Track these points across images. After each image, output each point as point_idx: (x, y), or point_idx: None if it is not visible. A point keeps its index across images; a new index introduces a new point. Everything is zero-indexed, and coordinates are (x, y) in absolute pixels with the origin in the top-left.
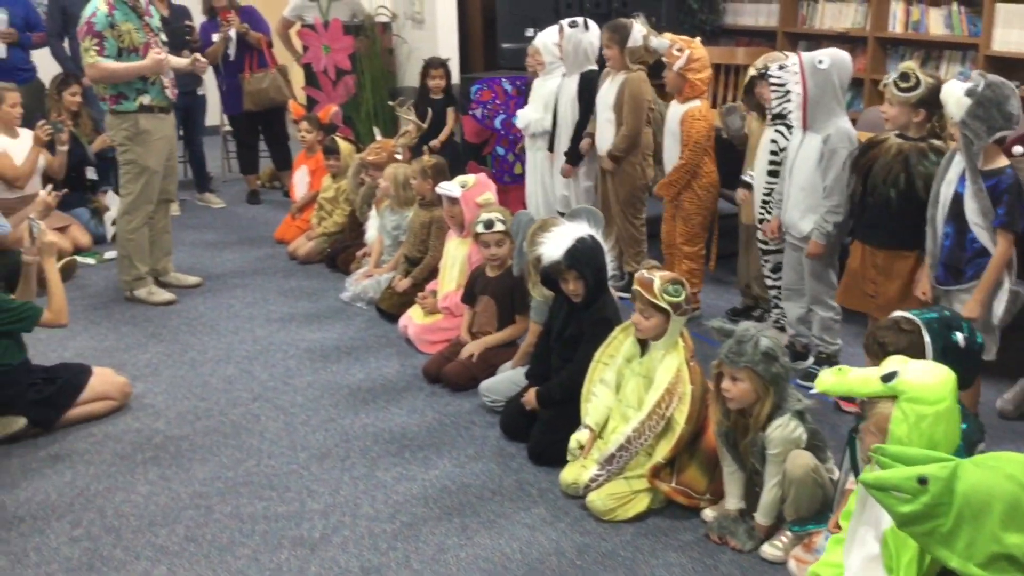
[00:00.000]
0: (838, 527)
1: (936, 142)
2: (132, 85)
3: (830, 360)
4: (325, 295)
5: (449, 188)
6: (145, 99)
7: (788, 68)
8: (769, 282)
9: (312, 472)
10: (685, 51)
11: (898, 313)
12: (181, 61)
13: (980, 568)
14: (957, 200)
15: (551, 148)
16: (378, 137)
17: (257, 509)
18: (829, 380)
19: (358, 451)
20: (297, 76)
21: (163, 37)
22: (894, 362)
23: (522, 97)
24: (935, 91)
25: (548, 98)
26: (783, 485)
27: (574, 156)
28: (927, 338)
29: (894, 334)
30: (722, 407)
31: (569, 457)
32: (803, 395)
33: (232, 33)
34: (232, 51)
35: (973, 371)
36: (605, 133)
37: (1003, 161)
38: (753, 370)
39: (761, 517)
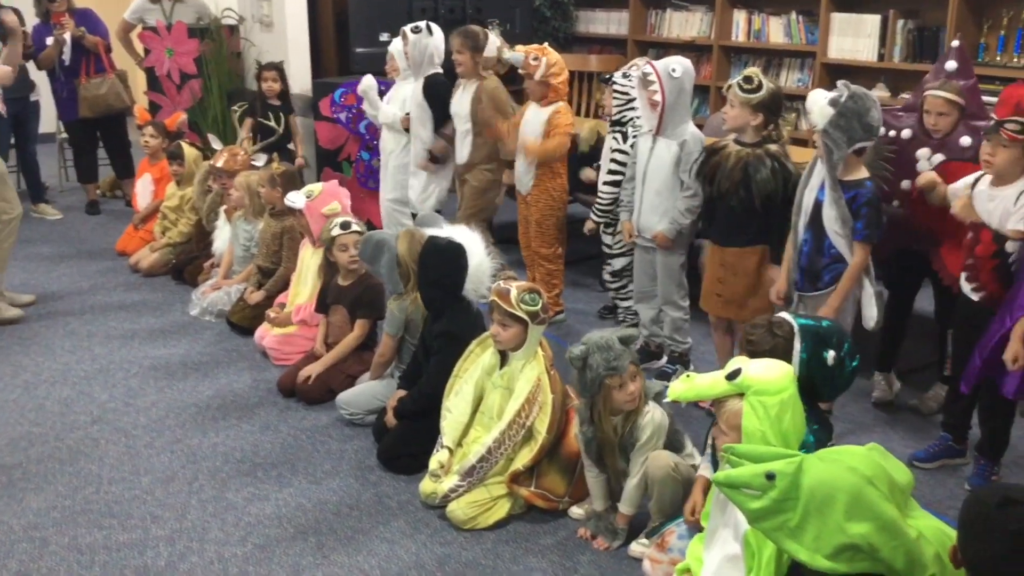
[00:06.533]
0: (693, 514)
1: (772, 147)
2: None
3: (682, 359)
4: (171, 309)
5: (294, 199)
6: None
7: (632, 76)
8: (608, 283)
9: (156, 497)
10: (542, 59)
11: (782, 315)
12: None
13: (828, 559)
14: (817, 207)
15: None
16: (216, 145)
17: (97, 539)
18: (679, 388)
19: (206, 472)
20: (139, 81)
21: None
22: (736, 362)
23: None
24: (775, 96)
25: (402, 103)
26: (647, 487)
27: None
28: (798, 345)
29: (764, 334)
30: (608, 416)
31: (430, 477)
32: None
33: (67, 37)
34: (67, 55)
35: (836, 390)
36: (462, 144)
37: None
38: (637, 366)
39: (624, 507)
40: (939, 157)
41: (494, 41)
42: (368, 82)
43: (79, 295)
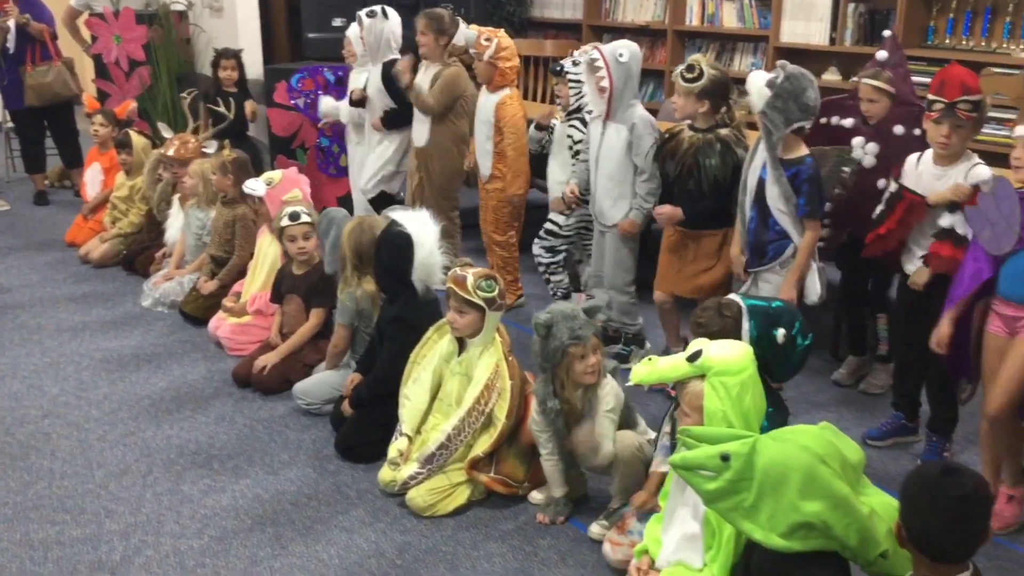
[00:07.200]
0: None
1: (722, 132)
2: None
3: (636, 339)
4: (122, 300)
5: (254, 186)
6: None
7: (583, 63)
8: (540, 256)
9: (110, 491)
10: (493, 40)
11: (730, 296)
12: None
13: (782, 538)
14: (761, 186)
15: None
16: (165, 133)
17: (49, 534)
18: (642, 371)
19: (161, 465)
20: (87, 69)
21: None
22: (697, 343)
23: (344, 87)
24: (718, 82)
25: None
26: (611, 468)
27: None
28: (746, 324)
29: (712, 315)
30: (573, 388)
31: (389, 466)
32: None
33: (11, 24)
34: (11, 43)
35: (788, 370)
36: (420, 129)
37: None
38: (599, 338)
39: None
40: (873, 146)
41: (463, 28)
42: (327, 106)
43: (28, 287)
